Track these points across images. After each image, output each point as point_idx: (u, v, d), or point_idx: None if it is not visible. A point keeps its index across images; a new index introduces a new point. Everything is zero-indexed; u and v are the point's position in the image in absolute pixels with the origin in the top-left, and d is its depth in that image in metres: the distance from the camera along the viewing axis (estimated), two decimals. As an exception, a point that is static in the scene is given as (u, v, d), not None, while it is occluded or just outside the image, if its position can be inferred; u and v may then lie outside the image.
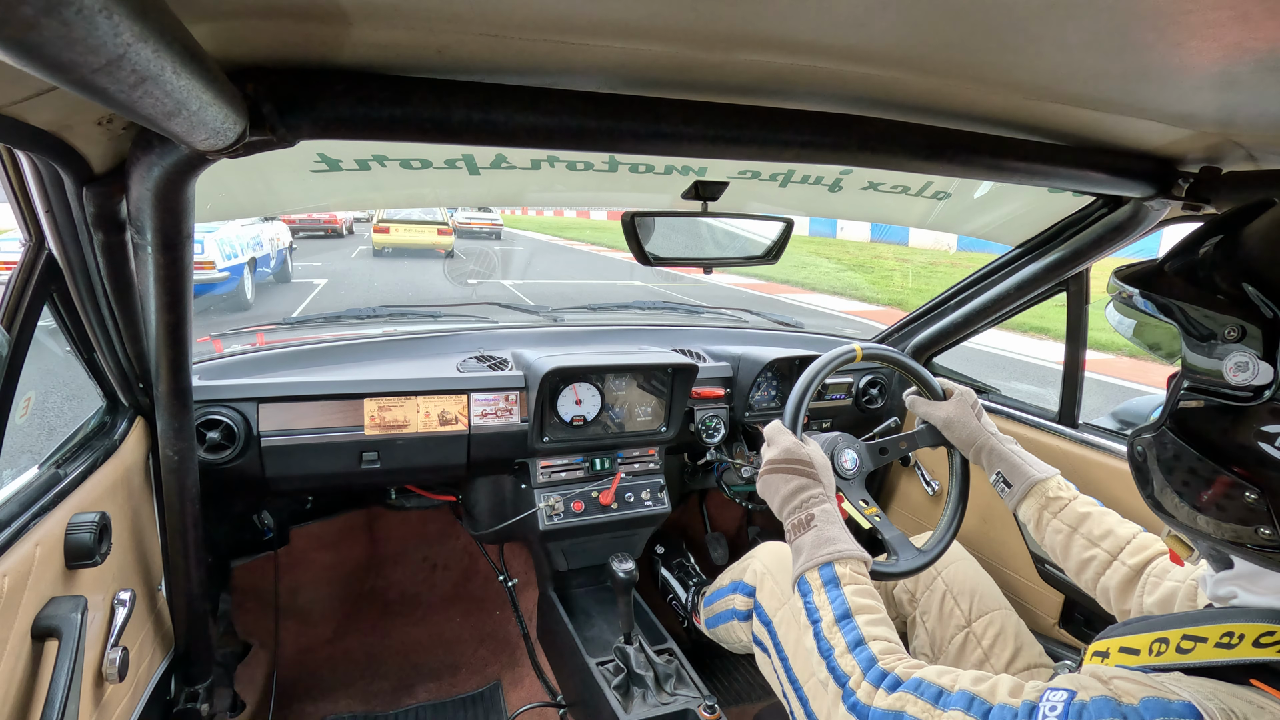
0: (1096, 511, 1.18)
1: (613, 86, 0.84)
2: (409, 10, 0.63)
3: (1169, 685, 0.61)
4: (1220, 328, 0.63)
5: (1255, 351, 0.60)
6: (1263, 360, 0.59)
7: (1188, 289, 0.67)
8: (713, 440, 2.02)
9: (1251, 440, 0.60)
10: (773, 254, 1.34)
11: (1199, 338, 0.65)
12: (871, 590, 0.97)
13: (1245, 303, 0.61)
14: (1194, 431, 0.66)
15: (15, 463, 1.03)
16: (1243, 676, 0.61)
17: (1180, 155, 1.12)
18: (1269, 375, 0.59)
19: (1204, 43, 0.65)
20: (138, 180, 0.81)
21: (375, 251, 14.09)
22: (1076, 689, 0.65)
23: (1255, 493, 0.60)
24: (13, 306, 0.93)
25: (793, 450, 1.11)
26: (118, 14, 0.37)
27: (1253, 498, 0.61)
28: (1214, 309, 0.64)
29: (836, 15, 0.64)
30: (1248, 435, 0.61)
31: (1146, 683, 0.62)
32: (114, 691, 1.10)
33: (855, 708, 0.82)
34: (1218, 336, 0.63)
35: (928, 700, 0.76)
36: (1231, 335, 0.62)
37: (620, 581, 1.58)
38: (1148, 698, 0.59)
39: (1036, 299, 1.72)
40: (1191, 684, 0.61)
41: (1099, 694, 0.62)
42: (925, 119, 0.97)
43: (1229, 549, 0.68)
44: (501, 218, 19.91)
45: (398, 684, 2.08)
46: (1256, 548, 0.63)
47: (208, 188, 0.97)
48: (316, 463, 1.64)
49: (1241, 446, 0.61)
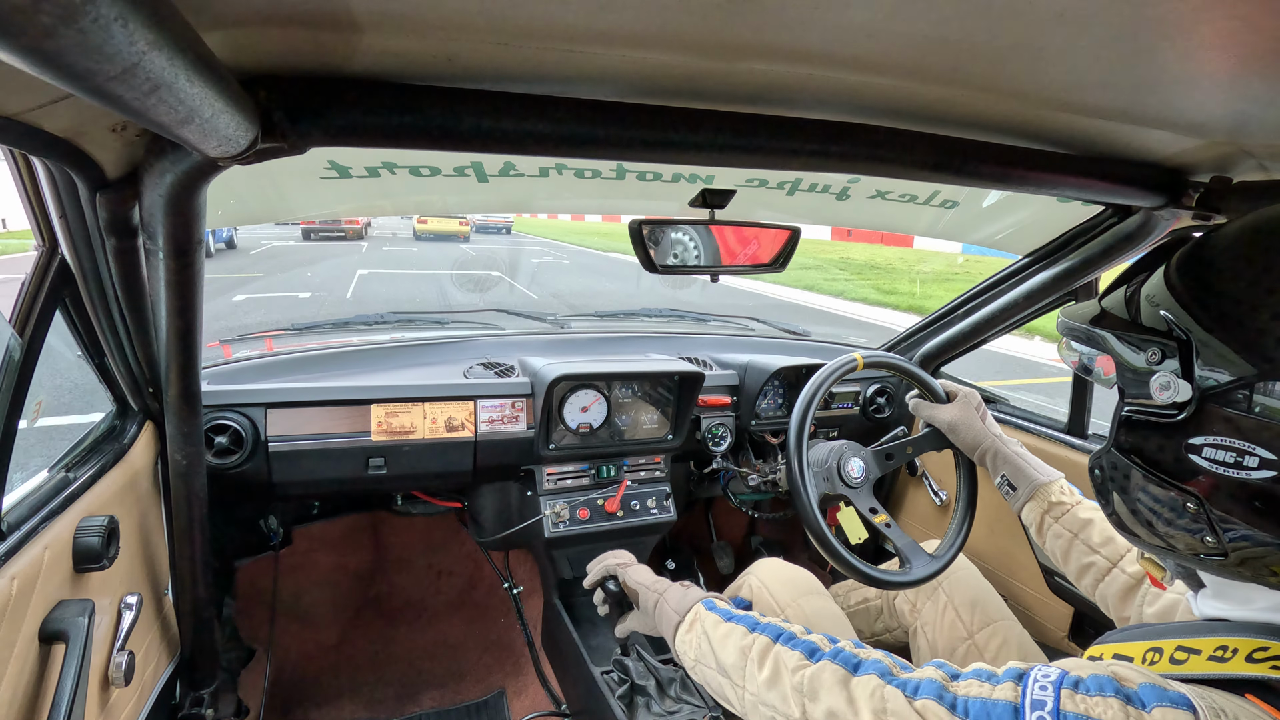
0: (1098, 518, 1.17)
1: (621, 95, 0.84)
2: (419, 19, 0.63)
3: (1166, 680, 0.63)
4: (1144, 351, 0.70)
5: (1175, 371, 0.66)
6: (1181, 379, 0.65)
7: (1117, 321, 0.75)
8: (719, 448, 2.01)
9: (1182, 452, 0.66)
10: (780, 262, 1.34)
11: (1128, 364, 0.72)
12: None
13: (1164, 328, 0.68)
14: (1135, 449, 0.72)
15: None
16: (1237, 690, 0.62)
17: (1191, 165, 1.12)
18: (1188, 391, 0.64)
19: (1215, 52, 0.64)
20: (150, 186, 0.82)
21: (416, 235, 20.15)
22: (1069, 668, 0.66)
23: (1194, 502, 0.65)
24: (25, 311, 0.94)
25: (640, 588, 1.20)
26: (133, 22, 0.37)
27: (1192, 507, 0.66)
28: (1138, 334, 0.71)
29: (844, 25, 0.64)
30: (1178, 449, 0.67)
31: (1145, 672, 0.64)
32: (119, 696, 1.10)
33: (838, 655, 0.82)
34: (1144, 361, 0.70)
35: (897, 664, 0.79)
36: (1154, 358, 0.69)
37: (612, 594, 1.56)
38: (1146, 683, 0.61)
39: (1045, 308, 1.71)
40: (1185, 688, 0.62)
41: (1097, 671, 0.64)
42: (933, 128, 0.97)
43: (1189, 562, 0.72)
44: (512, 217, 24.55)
45: (402, 691, 2.07)
46: (1208, 557, 0.67)
47: (219, 194, 0.98)
48: (323, 468, 1.64)
49: (1175, 459, 0.67)
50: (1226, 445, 0.62)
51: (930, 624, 1.45)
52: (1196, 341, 0.65)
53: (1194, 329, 0.65)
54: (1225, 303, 0.64)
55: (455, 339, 2.09)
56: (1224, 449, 0.63)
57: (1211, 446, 0.64)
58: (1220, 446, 0.63)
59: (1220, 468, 0.63)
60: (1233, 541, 0.64)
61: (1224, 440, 0.63)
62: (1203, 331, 0.64)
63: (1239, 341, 0.62)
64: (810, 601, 1.39)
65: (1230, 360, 0.62)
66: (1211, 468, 0.64)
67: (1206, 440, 0.64)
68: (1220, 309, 0.64)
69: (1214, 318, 0.64)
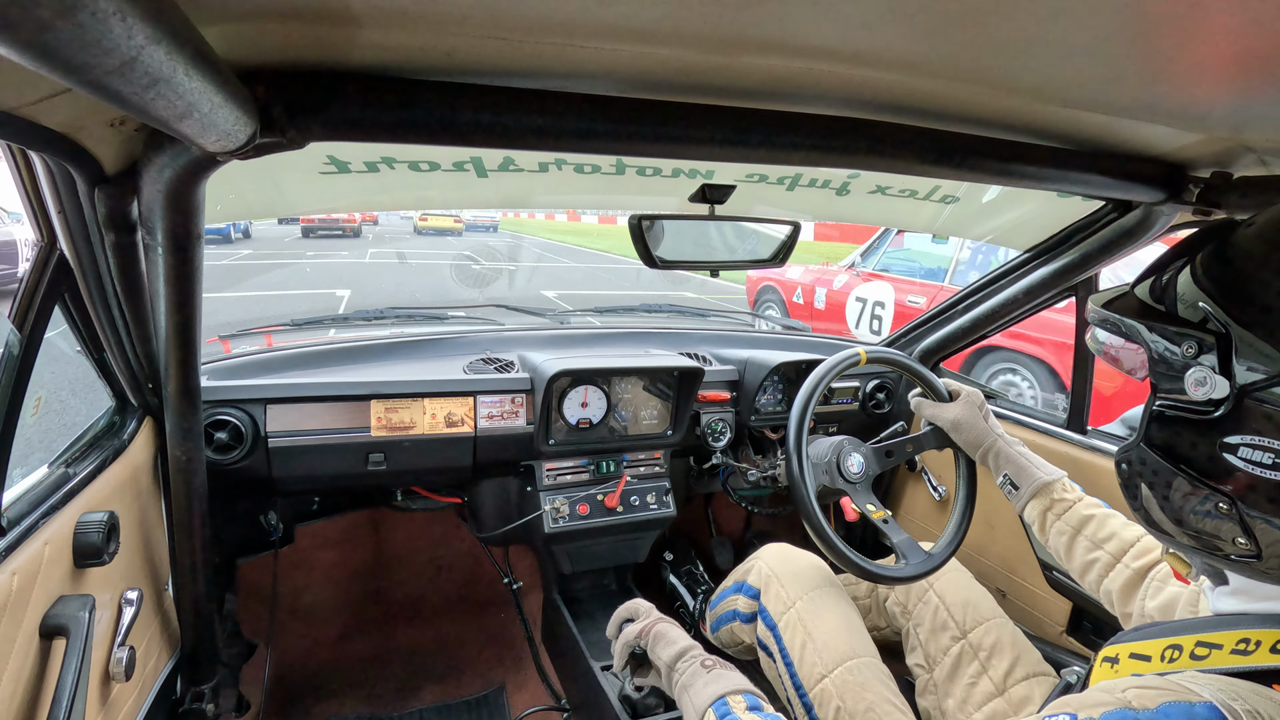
0: (1101, 514, 1.17)
1: (621, 89, 0.84)
2: (418, 13, 0.63)
3: (1188, 685, 0.60)
4: (1180, 345, 0.66)
5: (1211, 366, 0.63)
6: (1218, 374, 0.62)
7: (1152, 310, 0.72)
8: (719, 444, 2.01)
9: (1216, 451, 0.64)
10: (780, 257, 1.34)
11: (1162, 357, 0.69)
12: None
13: (1202, 320, 0.65)
14: (1166, 446, 0.69)
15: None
16: (1264, 681, 0.61)
17: (1191, 160, 1.11)
18: (1225, 388, 0.62)
19: (1216, 47, 0.64)
20: (149, 181, 0.81)
21: (417, 231, 23.47)
22: (1078, 710, 0.63)
23: (1226, 503, 0.63)
24: (24, 306, 0.94)
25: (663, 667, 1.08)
26: (131, 17, 0.37)
27: (1225, 507, 0.63)
28: (1174, 326, 0.68)
29: (844, 19, 0.64)
30: (1212, 447, 0.64)
31: (1163, 686, 0.61)
32: (120, 691, 1.10)
33: None
34: (1179, 354, 0.66)
35: None
36: (1190, 352, 0.65)
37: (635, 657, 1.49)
38: (1167, 703, 0.58)
39: (1045, 303, 1.71)
40: (1210, 680, 0.61)
41: (1110, 708, 0.61)
42: (934, 123, 0.97)
43: (1217, 561, 0.70)
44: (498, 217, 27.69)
45: (402, 686, 2.08)
46: (1239, 559, 0.65)
47: (218, 189, 0.97)
48: (323, 464, 1.64)
49: (1209, 458, 0.65)
50: (1265, 446, 0.60)
51: (922, 625, 1.46)
52: (1235, 337, 0.62)
53: (1231, 324, 0.63)
54: (1262, 298, 0.61)
55: (455, 334, 2.08)
56: (1261, 449, 0.60)
57: (1248, 446, 0.61)
58: (1257, 447, 0.61)
59: (1256, 468, 0.61)
60: (1269, 544, 0.62)
61: (1262, 440, 0.60)
62: (1239, 327, 0.62)
63: (1278, 337, 0.59)
64: (821, 598, 1.38)
65: (1270, 356, 0.60)
66: (1247, 468, 0.61)
67: (1243, 440, 0.62)
68: (1257, 304, 0.62)
69: (1251, 313, 0.62)
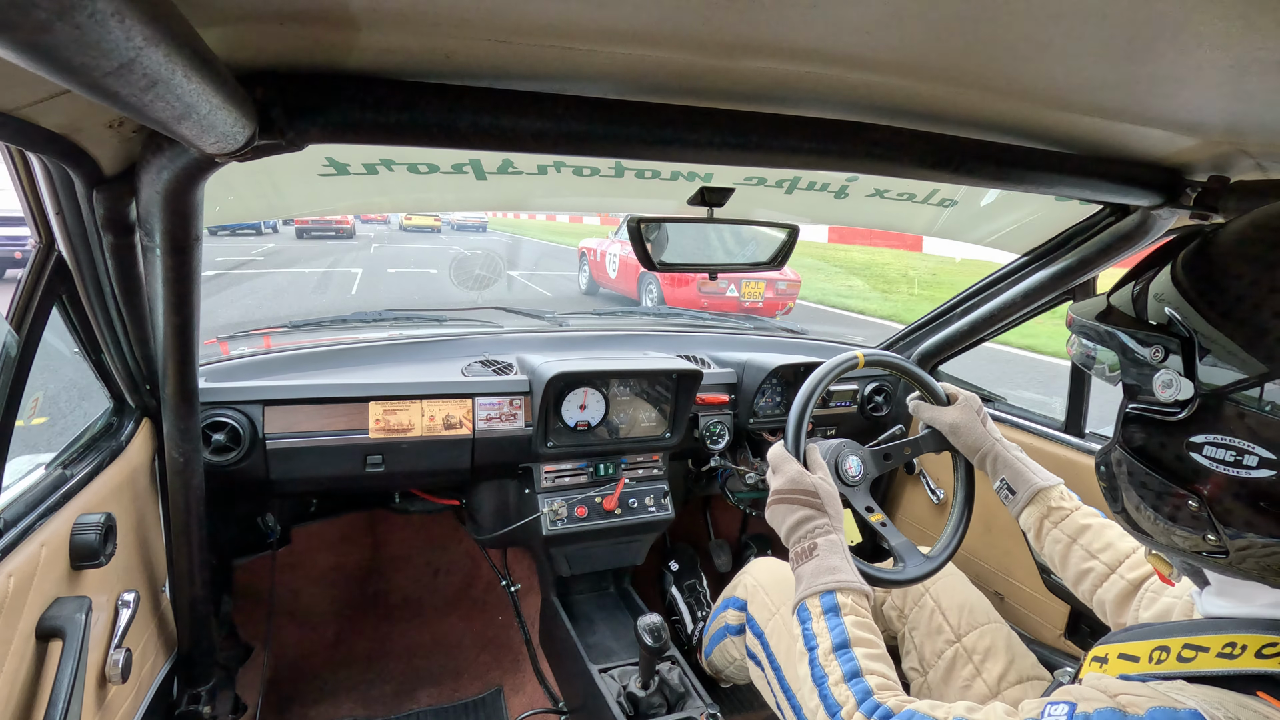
0: (1097, 524, 1.17)
1: (620, 92, 0.84)
2: (417, 16, 0.63)
3: (1173, 694, 0.62)
4: (1148, 349, 0.70)
5: (1178, 369, 0.66)
6: (1184, 377, 0.65)
7: (1123, 317, 0.75)
8: (717, 446, 2.01)
9: (1184, 451, 0.66)
10: (778, 260, 1.34)
11: (1133, 361, 0.72)
12: (872, 625, 0.97)
13: (1168, 326, 0.68)
14: (1139, 447, 0.72)
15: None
16: (1248, 688, 0.62)
17: (1188, 164, 1.12)
18: (1190, 390, 0.65)
19: (1213, 52, 0.64)
20: (147, 183, 0.81)
21: (403, 227, 25.41)
22: (1078, 700, 0.65)
23: (1195, 501, 0.65)
24: (22, 307, 0.93)
25: (798, 480, 1.11)
26: (130, 18, 0.37)
27: (1194, 505, 0.66)
28: (1143, 331, 0.71)
29: (843, 23, 0.64)
30: (1180, 446, 0.67)
31: (1151, 692, 0.63)
32: (117, 693, 1.10)
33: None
34: (1148, 358, 0.69)
35: None
36: (1157, 356, 0.68)
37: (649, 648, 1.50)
38: (1155, 707, 0.60)
39: (1042, 307, 1.72)
40: (1196, 691, 0.62)
41: (1104, 705, 0.63)
42: (932, 126, 0.97)
43: (1192, 559, 0.72)
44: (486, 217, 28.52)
45: (399, 688, 2.07)
46: (1210, 554, 0.67)
47: (216, 191, 0.98)
48: (321, 465, 1.64)
49: (1177, 458, 0.67)
50: (1226, 444, 0.63)
51: (917, 628, 1.46)
52: (1202, 339, 0.65)
53: (1200, 326, 0.65)
54: (1232, 300, 0.64)
55: (453, 336, 2.08)
56: (1224, 447, 0.63)
57: (1212, 445, 0.64)
58: (1220, 445, 0.63)
59: (1220, 466, 0.63)
60: (1234, 540, 0.64)
61: (1224, 439, 0.63)
62: (1210, 328, 0.64)
63: (1245, 338, 0.61)
64: None
65: (1237, 357, 0.62)
66: (1212, 466, 0.64)
67: (1207, 439, 0.64)
68: (1227, 306, 0.64)
69: (1221, 314, 0.64)
